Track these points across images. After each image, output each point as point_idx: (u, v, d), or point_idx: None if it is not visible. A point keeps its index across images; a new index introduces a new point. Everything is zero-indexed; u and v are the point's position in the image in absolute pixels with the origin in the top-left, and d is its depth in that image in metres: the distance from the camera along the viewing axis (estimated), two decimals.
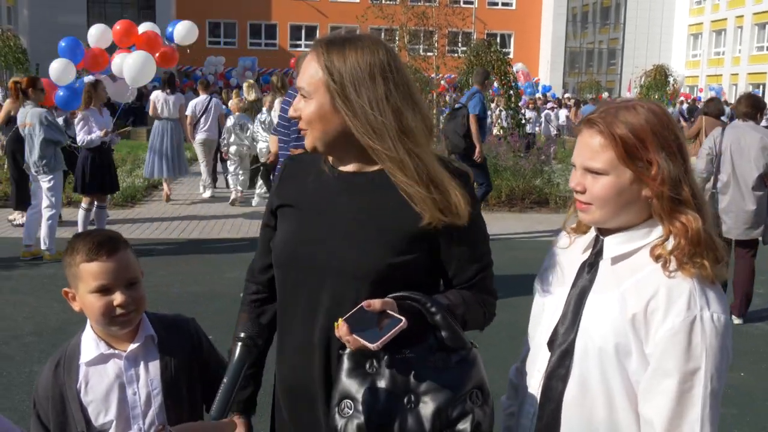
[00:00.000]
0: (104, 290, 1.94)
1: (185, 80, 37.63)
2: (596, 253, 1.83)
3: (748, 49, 46.78)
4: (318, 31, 48.58)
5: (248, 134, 12.13)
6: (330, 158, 1.93)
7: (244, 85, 14.78)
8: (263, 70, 44.25)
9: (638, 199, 1.74)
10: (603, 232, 1.83)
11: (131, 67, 10.46)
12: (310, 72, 1.82)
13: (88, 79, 10.73)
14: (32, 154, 8.17)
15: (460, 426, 1.70)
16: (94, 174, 8.73)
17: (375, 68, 1.80)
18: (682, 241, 1.69)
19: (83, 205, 8.95)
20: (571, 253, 1.92)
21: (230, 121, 12.35)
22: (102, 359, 2.03)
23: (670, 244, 1.71)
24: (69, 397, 1.99)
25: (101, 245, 1.95)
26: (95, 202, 8.97)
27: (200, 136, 12.79)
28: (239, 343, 1.68)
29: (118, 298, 1.94)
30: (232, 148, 12.27)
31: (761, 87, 43.86)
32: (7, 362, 5.35)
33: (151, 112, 12.78)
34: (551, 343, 1.84)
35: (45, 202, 8.36)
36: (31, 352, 5.58)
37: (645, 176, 1.70)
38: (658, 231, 1.75)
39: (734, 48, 48.26)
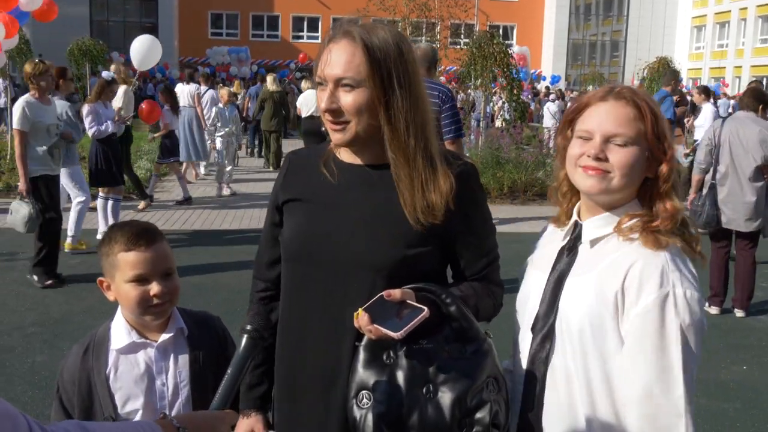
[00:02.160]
0: (141, 280, 1.98)
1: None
2: (575, 238, 1.87)
3: (751, 41, 46.62)
4: (320, 23, 48.52)
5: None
6: (340, 151, 1.92)
7: (269, 77, 16.61)
8: (266, 61, 44.24)
9: (641, 178, 1.78)
10: (582, 216, 1.87)
11: (137, 50, 10.59)
12: (355, 60, 1.74)
13: (106, 74, 10.83)
14: None
15: (479, 414, 1.71)
16: (104, 165, 8.74)
17: (408, 54, 1.79)
18: (668, 223, 1.74)
19: (101, 194, 8.98)
20: (552, 240, 1.96)
21: None
22: (133, 348, 2.05)
23: (652, 221, 1.75)
24: (97, 382, 2.02)
25: (139, 236, 1.99)
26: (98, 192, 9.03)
27: None
28: (245, 336, 1.68)
29: (154, 288, 1.98)
30: None
31: (764, 79, 43.73)
32: (9, 353, 5.36)
33: None
34: (533, 328, 1.86)
35: (72, 194, 8.40)
36: (34, 343, 5.58)
37: (660, 153, 1.76)
38: (636, 212, 1.79)
39: (738, 40, 48.10)
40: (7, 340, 5.62)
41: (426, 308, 1.65)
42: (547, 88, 36.49)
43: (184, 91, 13.82)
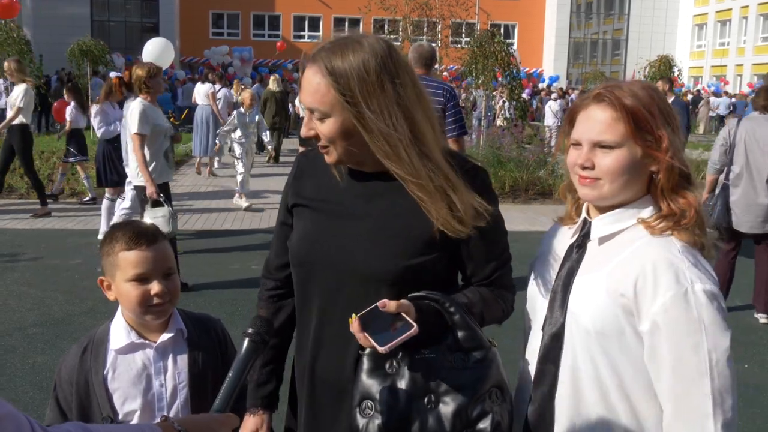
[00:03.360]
0: (142, 279, 1.97)
1: (187, 72, 37.57)
2: (584, 235, 1.85)
3: (753, 39, 46.58)
4: (321, 22, 48.51)
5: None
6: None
7: (271, 78, 18.23)
8: (267, 61, 44.24)
9: (643, 175, 1.76)
10: (591, 213, 1.85)
11: (150, 53, 10.57)
12: (320, 90, 1.71)
13: (114, 75, 10.75)
14: (126, 151, 7.94)
15: (481, 425, 1.69)
16: (112, 166, 8.70)
17: (383, 73, 1.72)
18: (694, 217, 1.72)
19: (107, 195, 8.96)
20: (561, 238, 1.95)
21: None
22: (132, 348, 2.05)
23: (668, 219, 1.73)
24: (95, 382, 2.01)
25: (141, 235, 1.99)
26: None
27: None
28: (246, 339, 1.68)
29: (155, 287, 1.98)
30: None
31: (766, 78, 43.66)
32: (10, 353, 5.36)
33: (192, 101, 16.25)
34: (543, 327, 1.85)
35: (126, 203, 8.09)
36: (35, 343, 5.59)
37: (654, 149, 1.72)
38: (648, 209, 1.77)
39: (739, 38, 48.04)
40: (8, 341, 5.62)
41: (415, 325, 1.63)
42: (548, 86, 36.51)
43: (200, 91, 15.13)
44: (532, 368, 1.87)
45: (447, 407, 1.69)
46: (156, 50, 10.80)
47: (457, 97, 6.10)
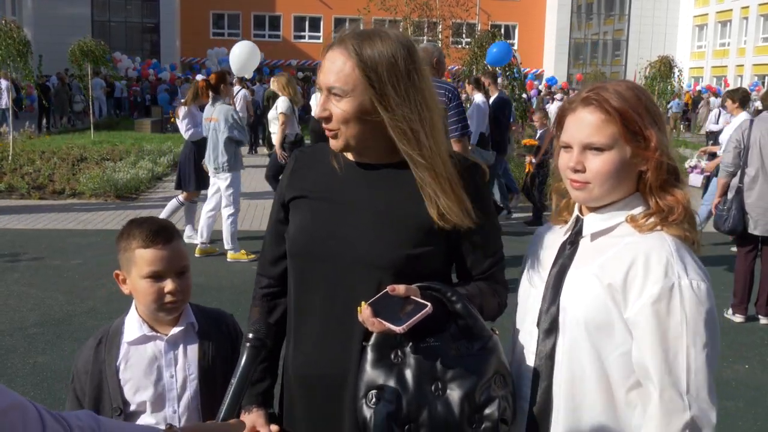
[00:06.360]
0: (157, 277, 2.03)
1: (188, 73, 37.57)
2: (576, 232, 1.87)
3: (753, 40, 46.60)
4: (322, 23, 48.56)
5: None
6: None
7: (272, 79, 18.95)
8: (267, 61, 44.27)
9: (632, 174, 1.78)
10: (583, 211, 1.87)
11: (237, 57, 10.56)
12: (344, 69, 1.75)
13: (200, 77, 10.77)
14: (214, 152, 8.05)
15: (488, 411, 1.73)
16: (198, 168, 8.66)
17: (409, 62, 1.78)
18: (683, 213, 1.74)
19: (180, 198, 8.94)
20: (553, 237, 1.97)
21: None
22: (144, 340, 2.11)
23: (655, 216, 1.75)
24: (108, 373, 2.07)
25: (158, 233, 2.04)
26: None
27: None
28: (248, 344, 1.69)
29: (169, 285, 2.03)
30: None
31: (766, 78, 43.68)
32: (11, 354, 5.36)
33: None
34: (538, 323, 1.86)
35: (224, 202, 8.19)
36: (36, 343, 5.58)
37: (643, 149, 1.74)
38: (637, 205, 1.80)
39: (739, 39, 48.06)
40: (9, 341, 5.62)
41: (429, 304, 1.66)
42: (550, 87, 36.53)
43: None
44: (529, 366, 1.88)
45: (454, 393, 1.72)
46: (243, 53, 10.80)
47: (459, 97, 6.08)
